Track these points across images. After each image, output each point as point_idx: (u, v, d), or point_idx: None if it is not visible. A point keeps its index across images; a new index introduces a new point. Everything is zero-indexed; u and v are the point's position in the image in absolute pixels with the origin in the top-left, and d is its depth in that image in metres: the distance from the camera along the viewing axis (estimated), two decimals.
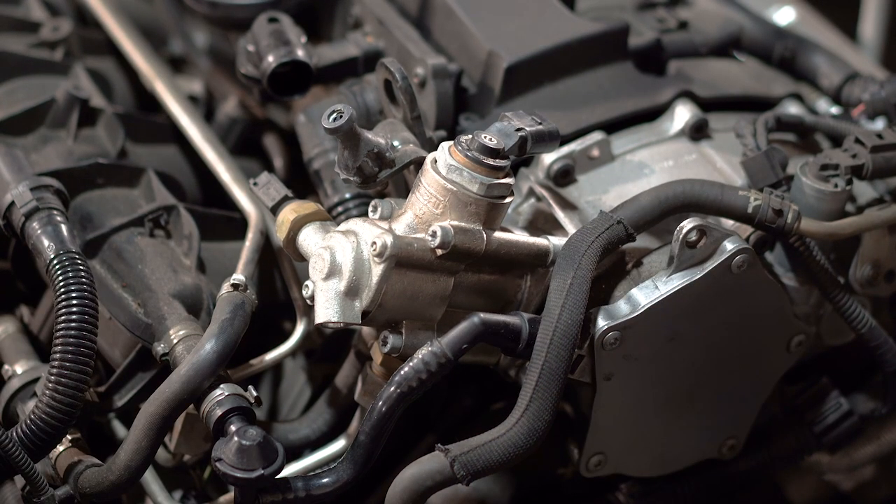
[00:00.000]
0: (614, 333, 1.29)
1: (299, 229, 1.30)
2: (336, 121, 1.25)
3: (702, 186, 1.31)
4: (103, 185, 1.49)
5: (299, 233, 1.30)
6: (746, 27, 1.61)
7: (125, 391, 1.40)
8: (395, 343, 1.26)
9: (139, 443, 1.23)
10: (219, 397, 1.24)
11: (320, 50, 1.50)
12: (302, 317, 1.43)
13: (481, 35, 1.45)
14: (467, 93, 1.46)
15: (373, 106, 1.46)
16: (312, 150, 1.47)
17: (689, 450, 1.43)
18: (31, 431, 1.24)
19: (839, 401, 1.47)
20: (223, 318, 1.27)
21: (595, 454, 1.37)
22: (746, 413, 1.43)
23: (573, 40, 1.46)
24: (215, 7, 1.57)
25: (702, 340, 1.34)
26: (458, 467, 1.20)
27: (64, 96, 1.54)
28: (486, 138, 1.24)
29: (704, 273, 1.29)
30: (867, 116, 1.52)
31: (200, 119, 1.61)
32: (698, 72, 1.52)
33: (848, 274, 1.42)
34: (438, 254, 1.24)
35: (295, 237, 1.30)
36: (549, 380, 1.21)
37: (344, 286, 1.24)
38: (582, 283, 1.24)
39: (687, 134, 1.44)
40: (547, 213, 1.39)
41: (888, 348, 1.41)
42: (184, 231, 1.45)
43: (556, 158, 1.39)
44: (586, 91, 1.46)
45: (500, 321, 1.24)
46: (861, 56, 1.92)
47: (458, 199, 1.24)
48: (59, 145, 1.52)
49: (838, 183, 1.35)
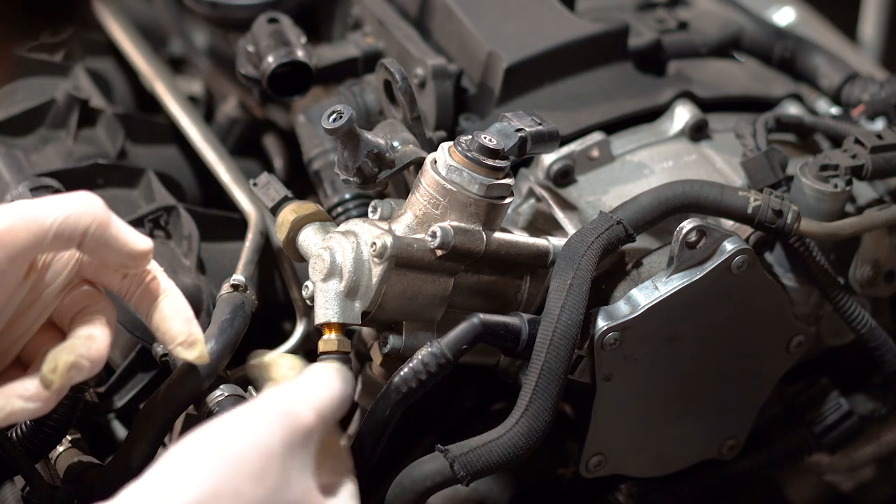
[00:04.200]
0: (614, 334, 1.29)
1: (299, 230, 1.30)
2: (336, 121, 1.25)
3: (701, 187, 1.31)
4: (103, 186, 1.49)
5: (299, 233, 1.30)
6: (746, 28, 1.61)
7: (125, 391, 1.40)
8: (395, 344, 1.27)
9: (139, 443, 1.23)
10: (219, 398, 1.24)
11: (320, 50, 1.50)
12: (302, 317, 1.43)
13: (481, 35, 1.45)
14: (467, 93, 1.46)
15: (373, 106, 1.46)
16: (312, 150, 1.47)
17: (689, 450, 1.43)
18: (31, 431, 1.24)
19: (839, 401, 1.47)
20: (223, 319, 1.27)
21: (595, 454, 1.37)
22: (746, 413, 1.43)
23: (573, 41, 1.46)
24: (215, 7, 1.57)
25: (701, 341, 1.34)
26: (458, 468, 1.20)
27: (64, 97, 1.54)
28: (486, 139, 1.24)
29: (704, 273, 1.30)
30: (867, 117, 1.52)
31: (200, 119, 1.61)
32: (698, 72, 1.52)
33: (848, 274, 1.42)
34: (438, 254, 1.24)
35: (295, 237, 1.30)
36: (548, 380, 1.21)
37: (344, 287, 1.24)
38: (582, 283, 1.24)
39: (687, 134, 1.45)
40: (547, 214, 1.39)
41: (888, 349, 1.41)
42: (183, 231, 1.45)
43: (556, 159, 1.39)
44: (586, 91, 1.46)
45: (499, 322, 1.24)
46: (861, 56, 1.92)
47: (457, 200, 1.24)
48: (58, 146, 1.53)
49: (838, 183, 1.35)
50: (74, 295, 1.17)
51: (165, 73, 1.67)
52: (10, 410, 1.11)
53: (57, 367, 1.10)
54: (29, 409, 1.12)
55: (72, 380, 1.11)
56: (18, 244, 1.09)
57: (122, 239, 1.14)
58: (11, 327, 1.15)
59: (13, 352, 1.17)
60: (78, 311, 1.16)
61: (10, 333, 1.15)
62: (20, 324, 1.16)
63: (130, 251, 1.15)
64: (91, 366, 1.12)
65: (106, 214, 1.13)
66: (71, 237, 1.11)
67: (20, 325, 1.16)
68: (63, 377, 1.10)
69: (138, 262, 1.16)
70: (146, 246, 1.15)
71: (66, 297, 1.17)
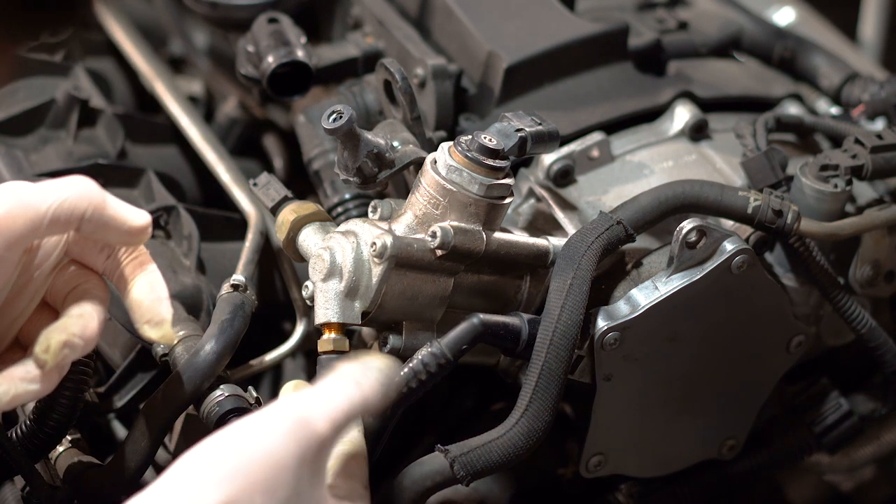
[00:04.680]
0: (614, 334, 1.29)
1: (299, 230, 1.30)
2: (336, 121, 1.25)
3: (701, 187, 1.31)
4: (103, 186, 1.48)
5: (299, 233, 1.30)
6: (746, 28, 1.61)
7: (125, 392, 1.40)
8: (395, 344, 1.27)
9: (139, 443, 1.23)
10: (219, 398, 1.24)
11: (320, 50, 1.50)
12: (302, 317, 1.43)
13: (481, 35, 1.45)
14: (467, 93, 1.46)
15: (372, 106, 1.46)
16: (312, 150, 1.47)
17: (689, 450, 1.43)
18: (31, 431, 1.24)
19: (839, 401, 1.47)
20: (223, 319, 1.27)
21: (595, 454, 1.37)
22: (746, 413, 1.43)
23: (573, 41, 1.46)
24: (215, 7, 1.57)
25: (701, 341, 1.34)
26: (458, 468, 1.20)
27: (64, 97, 1.54)
28: (486, 139, 1.24)
29: (704, 273, 1.29)
30: (867, 117, 1.52)
31: (200, 119, 1.61)
32: (698, 72, 1.52)
33: (848, 274, 1.42)
34: (438, 254, 1.24)
35: (295, 238, 1.30)
36: (548, 380, 1.21)
37: (344, 287, 1.24)
38: (582, 283, 1.24)
39: (687, 134, 1.45)
40: (547, 214, 1.39)
41: (888, 349, 1.41)
42: (183, 231, 1.45)
43: (556, 159, 1.39)
44: (586, 91, 1.46)
45: (499, 322, 1.24)
46: (861, 56, 1.92)
47: (457, 200, 1.24)
48: (58, 146, 1.53)
49: (838, 183, 1.35)
50: (65, 275, 1.18)
51: (165, 73, 1.67)
52: (14, 393, 1.12)
53: (49, 346, 1.11)
54: (32, 390, 1.13)
55: (66, 358, 1.12)
56: (15, 231, 1.10)
57: (120, 218, 1.15)
58: (6, 309, 1.16)
59: (11, 333, 1.18)
60: (69, 290, 1.17)
61: (6, 315, 1.16)
62: (15, 306, 1.16)
63: (130, 228, 1.16)
64: (84, 343, 1.13)
65: (101, 197, 1.14)
66: (67, 222, 1.12)
67: (15, 307, 1.16)
68: (56, 356, 1.11)
69: (139, 238, 1.17)
70: (144, 221, 1.16)
71: (57, 277, 1.18)
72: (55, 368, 1.12)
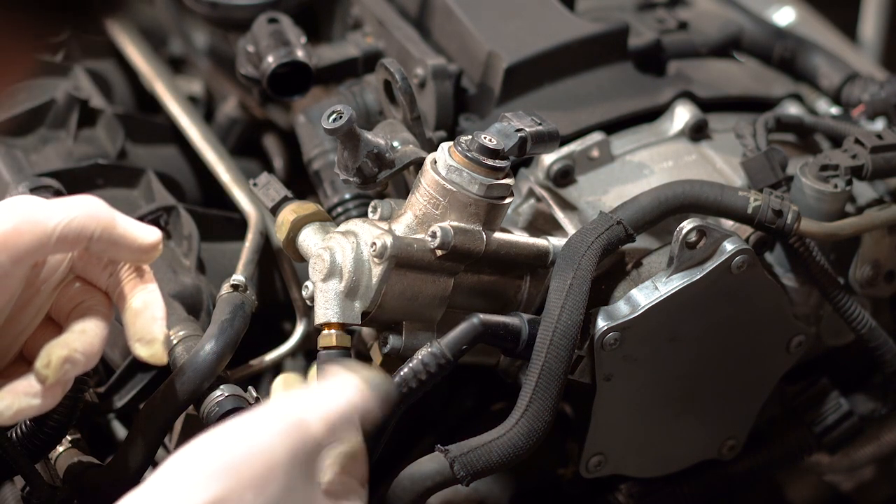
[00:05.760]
0: (614, 334, 1.29)
1: (299, 230, 1.30)
2: (336, 121, 1.25)
3: (701, 187, 1.31)
4: (103, 186, 1.49)
5: (299, 233, 1.30)
6: (746, 28, 1.61)
7: (125, 392, 1.40)
8: (395, 344, 1.27)
9: (139, 444, 1.23)
10: (219, 398, 1.24)
11: (320, 50, 1.50)
12: (302, 317, 1.43)
13: (481, 35, 1.45)
14: (467, 93, 1.46)
15: (372, 106, 1.46)
16: (312, 150, 1.47)
17: (689, 450, 1.43)
18: (31, 431, 1.24)
19: (839, 401, 1.47)
20: (223, 319, 1.27)
21: (595, 454, 1.37)
22: (746, 413, 1.43)
23: (573, 41, 1.46)
24: (215, 7, 1.57)
25: (702, 341, 1.34)
26: (458, 468, 1.20)
27: (64, 97, 1.54)
28: (486, 139, 1.24)
29: (704, 274, 1.29)
30: (867, 117, 1.52)
31: (200, 119, 1.62)
32: (698, 72, 1.52)
33: (848, 274, 1.42)
34: (438, 254, 1.24)
35: (295, 238, 1.30)
36: (548, 380, 1.21)
37: (344, 287, 1.24)
38: (582, 283, 1.24)
39: (687, 134, 1.44)
40: (547, 214, 1.39)
41: (888, 349, 1.41)
42: (183, 231, 1.45)
43: (556, 159, 1.39)
44: (586, 91, 1.46)
45: (499, 322, 1.24)
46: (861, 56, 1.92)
47: (457, 200, 1.24)
48: (58, 146, 1.53)
49: (838, 183, 1.35)
50: (70, 291, 1.18)
51: (165, 73, 1.67)
52: (17, 408, 1.13)
53: (50, 361, 1.11)
54: (34, 405, 1.13)
55: (67, 374, 1.12)
56: (22, 246, 1.10)
57: (131, 237, 1.15)
58: (10, 324, 1.16)
59: (15, 348, 1.18)
60: (74, 306, 1.17)
61: (10, 330, 1.17)
62: (19, 320, 1.17)
63: (140, 246, 1.16)
64: (85, 359, 1.13)
65: (110, 216, 1.14)
66: (75, 241, 1.13)
67: (19, 321, 1.17)
68: (57, 371, 1.11)
69: (150, 254, 1.17)
70: (155, 238, 1.17)
71: (61, 293, 1.18)
72: (57, 383, 1.13)
